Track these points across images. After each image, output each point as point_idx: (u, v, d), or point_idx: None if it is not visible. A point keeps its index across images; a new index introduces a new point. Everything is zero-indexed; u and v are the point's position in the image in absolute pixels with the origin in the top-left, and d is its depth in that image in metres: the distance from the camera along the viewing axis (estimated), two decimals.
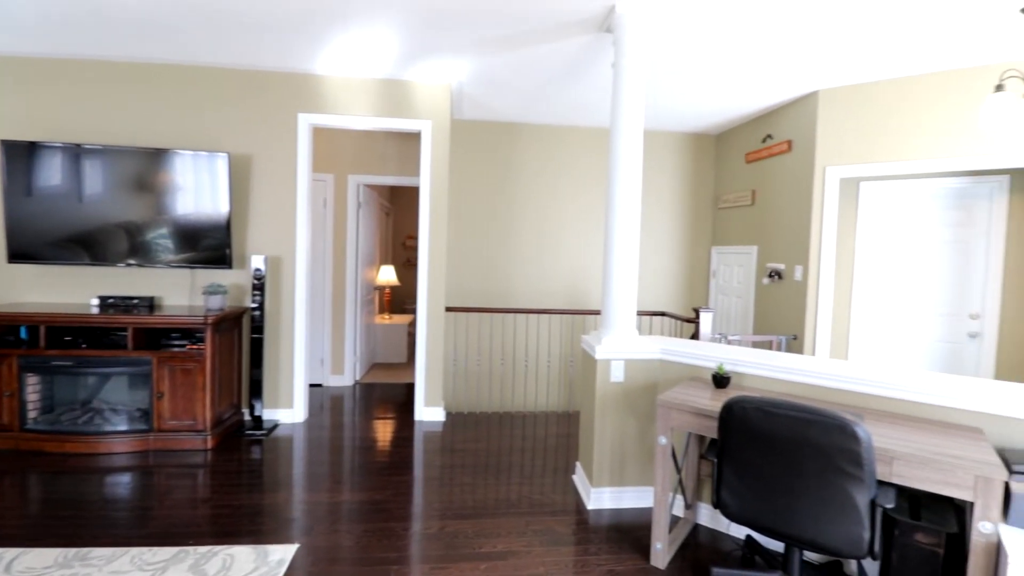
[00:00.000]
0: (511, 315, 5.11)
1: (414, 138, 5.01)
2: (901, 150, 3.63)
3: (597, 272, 5.29)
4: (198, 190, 3.65)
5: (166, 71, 3.74)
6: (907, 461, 1.70)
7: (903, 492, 2.03)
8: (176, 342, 3.44)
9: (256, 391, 3.76)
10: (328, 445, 3.53)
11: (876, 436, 1.82)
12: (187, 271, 3.78)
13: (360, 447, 3.52)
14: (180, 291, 3.80)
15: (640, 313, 4.63)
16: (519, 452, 3.55)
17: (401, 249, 8.20)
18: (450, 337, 4.95)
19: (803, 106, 4.08)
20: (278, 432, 3.73)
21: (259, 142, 3.84)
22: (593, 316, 5.11)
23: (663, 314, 4.70)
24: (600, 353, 2.75)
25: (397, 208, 8.07)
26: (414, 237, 7.79)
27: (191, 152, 3.63)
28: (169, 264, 3.65)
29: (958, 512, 1.94)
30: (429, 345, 4.09)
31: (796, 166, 4.16)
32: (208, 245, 3.68)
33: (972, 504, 1.63)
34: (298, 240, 3.90)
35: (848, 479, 1.65)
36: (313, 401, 4.52)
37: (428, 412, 4.12)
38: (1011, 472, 1.66)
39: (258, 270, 3.66)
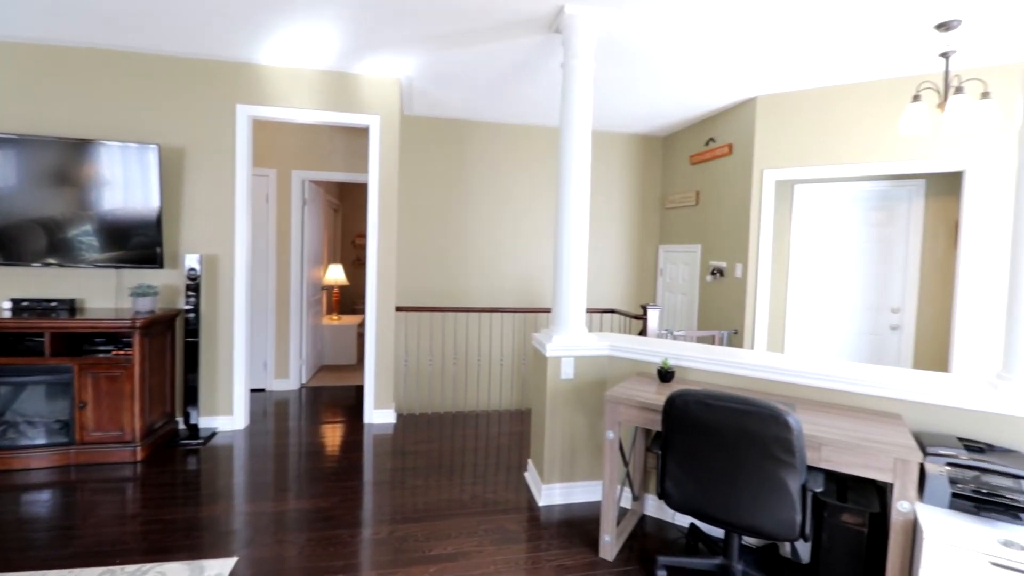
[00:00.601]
0: (463, 314, 5.07)
1: (362, 133, 4.88)
2: (830, 155, 3.85)
3: (550, 270, 5.33)
4: (127, 184, 3.41)
5: (91, 56, 3.47)
6: (834, 447, 1.80)
7: (831, 476, 2.15)
8: (101, 347, 3.20)
9: (191, 398, 3.56)
10: (271, 452, 3.39)
11: (806, 424, 1.91)
12: (113, 271, 3.52)
13: (306, 453, 3.40)
14: (105, 293, 3.54)
15: (590, 310, 4.70)
16: (472, 452, 3.52)
17: (351, 247, 8.00)
18: (401, 337, 4.86)
19: (743, 111, 4.26)
20: (216, 441, 3.55)
21: (193, 134, 3.63)
22: (546, 314, 5.15)
23: (613, 311, 4.80)
24: (551, 351, 2.77)
25: (346, 205, 7.86)
26: (364, 235, 7.61)
27: (118, 143, 3.39)
28: (95, 264, 3.40)
29: (880, 493, 2.07)
30: (379, 346, 4.00)
31: (736, 168, 4.34)
32: (137, 243, 3.45)
33: (892, 485, 1.74)
34: (237, 238, 3.72)
35: (781, 466, 1.74)
36: (255, 407, 4.32)
37: (378, 414, 4.03)
38: (925, 454, 1.79)
39: (192, 269, 3.47)
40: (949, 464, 1.74)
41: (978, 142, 3.39)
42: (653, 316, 3.91)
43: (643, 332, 3.97)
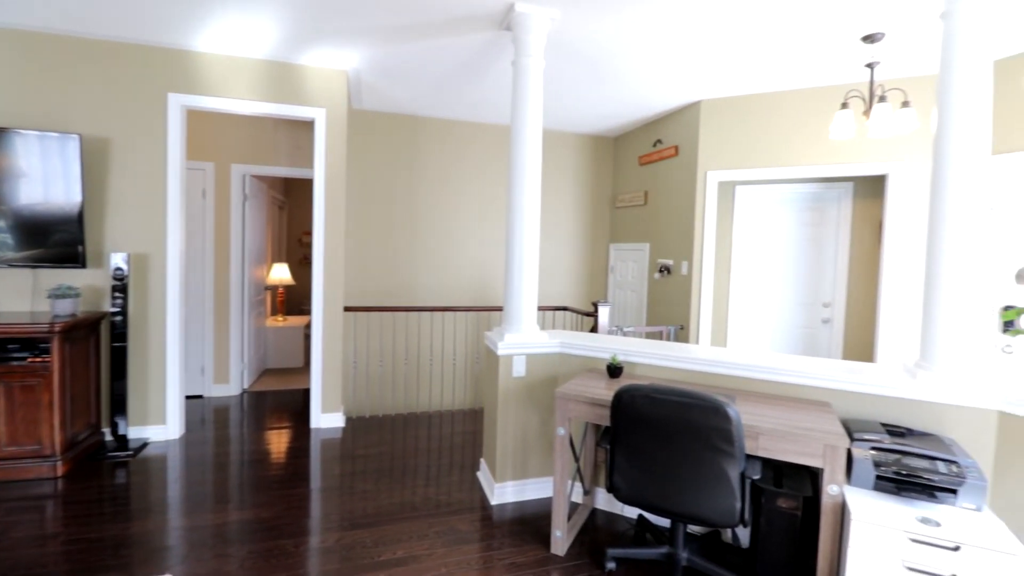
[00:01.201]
0: (415, 313, 4.99)
1: (308, 126, 4.71)
2: (768, 157, 4.04)
3: (502, 268, 5.33)
4: (45, 177, 3.15)
5: (4, 36, 3.18)
6: (770, 435, 1.89)
7: (768, 463, 2.25)
8: (14, 355, 2.93)
9: (119, 407, 3.32)
10: (210, 462, 3.21)
11: (745, 414, 1.99)
12: (29, 271, 3.24)
13: (248, 461, 3.25)
14: (20, 295, 3.25)
15: (543, 308, 4.74)
16: (424, 453, 3.47)
17: (297, 246, 7.72)
18: (350, 338, 4.73)
19: (688, 114, 4.40)
20: (148, 452, 3.33)
21: (120, 124, 3.39)
22: (498, 312, 5.15)
23: (565, 309, 4.85)
24: (502, 349, 2.76)
25: (292, 202, 7.57)
26: (311, 233, 7.36)
27: (36, 132, 3.11)
28: (9, 263, 3.11)
29: (813, 478, 2.19)
30: (326, 347, 3.87)
31: (682, 169, 4.48)
32: (57, 241, 3.18)
33: (822, 470, 1.84)
34: (169, 235, 3.50)
35: (722, 455, 1.80)
36: (192, 415, 4.09)
37: (326, 419, 3.90)
38: (852, 439, 1.90)
39: (119, 269, 3.23)
40: (873, 448, 1.86)
41: (899, 148, 3.65)
42: (604, 313, 3.97)
43: (594, 329, 4.03)
